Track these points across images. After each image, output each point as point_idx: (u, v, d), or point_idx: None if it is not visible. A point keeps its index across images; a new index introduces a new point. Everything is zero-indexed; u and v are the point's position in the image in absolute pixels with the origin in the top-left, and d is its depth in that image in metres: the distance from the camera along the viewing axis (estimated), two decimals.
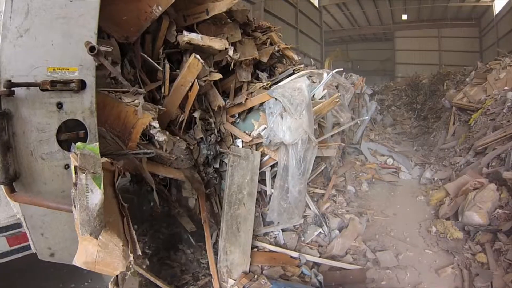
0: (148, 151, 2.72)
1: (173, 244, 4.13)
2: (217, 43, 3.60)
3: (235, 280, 3.48)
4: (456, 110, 8.41)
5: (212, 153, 3.75)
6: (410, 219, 4.92)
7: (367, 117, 7.59)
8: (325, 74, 4.82)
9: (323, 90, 4.55)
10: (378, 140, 8.77)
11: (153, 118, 2.69)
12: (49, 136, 2.08)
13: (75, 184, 1.72)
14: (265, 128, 3.83)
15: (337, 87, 5.95)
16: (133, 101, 2.66)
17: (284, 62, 5.48)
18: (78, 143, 1.81)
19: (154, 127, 2.73)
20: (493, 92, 7.25)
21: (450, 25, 23.85)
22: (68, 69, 2.09)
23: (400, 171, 6.89)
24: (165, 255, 3.99)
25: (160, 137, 2.81)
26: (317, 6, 21.57)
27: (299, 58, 6.29)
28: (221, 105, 3.89)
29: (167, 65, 3.42)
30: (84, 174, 1.72)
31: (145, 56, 3.35)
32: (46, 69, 2.04)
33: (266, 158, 3.91)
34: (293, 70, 4.84)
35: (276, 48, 4.94)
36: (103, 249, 1.89)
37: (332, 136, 4.96)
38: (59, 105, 2.08)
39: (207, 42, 3.53)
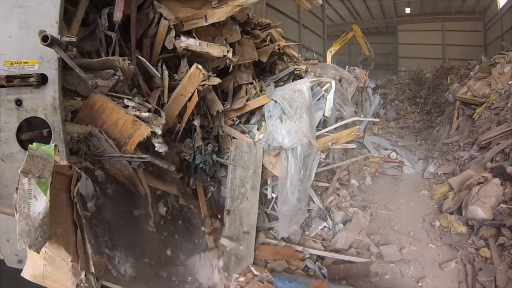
0: (143, 156, 2.56)
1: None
2: (215, 50, 3.44)
3: (239, 274, 3.50)
4: (460, 104, 8.35)
5: (208, 163, 3.67)
6: (414, 213, 4.91)
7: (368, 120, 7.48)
8: (332, 82, 4.63)
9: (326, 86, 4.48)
10: (382, 134, 8.74)
11: (152, 132, 2.55)
12: (8, 136, 1.95)
13: (17, 189, 1.52)
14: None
15: (340, 80, 5.90)
16: (138, 111, 2.56)
17: (285, 59, 5.40)
18: (33, 144, 1.59)
19: (157, 137, 2.63)
20: (498, 86, 7.17)
21: (454, 18, 23.43)
22: (27, 62, 1.95)
23: (404, 165, 6.88)
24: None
25: (161, 148, 2.69)
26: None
27: (299, 55, 6.18)
28: (220, 110, 3.80)
29: (166, 72, 3.29)
30: (27, 178, 1.52)
31: (145, 61, 3.15)
32: (3, 63, 1.91)
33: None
34: (294, 68, 4.77)
35: (276, 47, 4.79)
36: (50, 263, 1.68)
37: (335, 129, 4.93)
38: (18, 102, 1.94)
39: (205, 49, 3.37)
